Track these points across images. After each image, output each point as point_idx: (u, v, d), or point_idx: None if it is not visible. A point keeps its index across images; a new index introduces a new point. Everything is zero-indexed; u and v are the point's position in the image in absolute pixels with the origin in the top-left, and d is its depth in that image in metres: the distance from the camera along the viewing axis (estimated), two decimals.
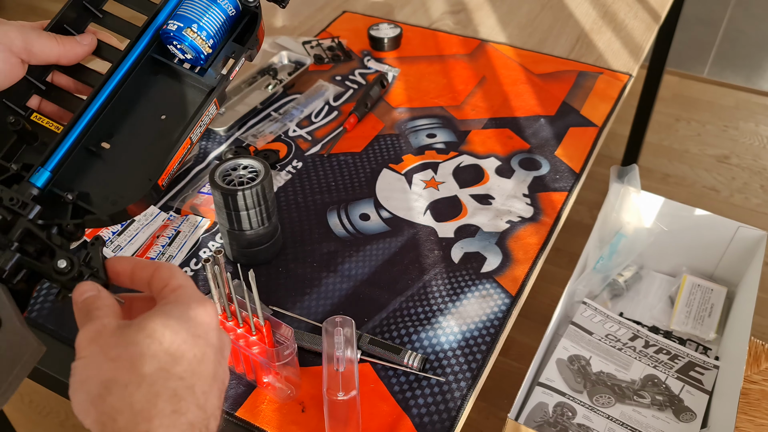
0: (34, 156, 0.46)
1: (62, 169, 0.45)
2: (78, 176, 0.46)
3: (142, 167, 0.46)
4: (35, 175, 0.44)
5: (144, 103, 0.48)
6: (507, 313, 0.74)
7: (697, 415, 1.05)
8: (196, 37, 0.47)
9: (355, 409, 0.62)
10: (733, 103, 2.26)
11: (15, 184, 0.44)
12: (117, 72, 0.47)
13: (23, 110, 0.47)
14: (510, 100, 1.06)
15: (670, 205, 1.26)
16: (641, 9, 1.29)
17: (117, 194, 0.46)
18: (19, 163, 0.45)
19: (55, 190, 0.45)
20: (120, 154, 0.47)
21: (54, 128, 0.47)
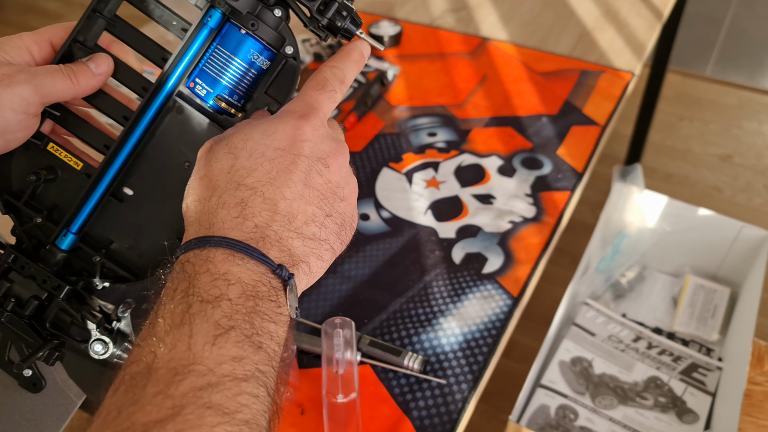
0: (55, 193, 0.44)
1: (88, 223, 0.44)
2: (101, 226, 0.44)
3: (166, 218, 0.44)
4: (60, 238, 0.43)
5: (166, 148, 0.44)
6: (509, 314, 0.73)
7: (700, 417, 1.04)
8: (229, 108, 0.43)
9: (354, 412, 0.61)
10: (737, 102, 2.25)
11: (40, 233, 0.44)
12: (144, 117, 0.43)
13: (39, 139, 0.45)
14: (512, 99, 1.05)
15: (673, 205, 1.25)
16: (644, 7, 1.28)
17: (142, 247, 0.44)
18: (41, 210, 0.44)
19: (83, 247, 0.44)
20: (144, 201, 0.45)
21: (73, 164, 0.45)
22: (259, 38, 0.41)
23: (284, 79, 0.43)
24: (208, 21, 0.42)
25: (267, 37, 0.42)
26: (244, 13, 0.41)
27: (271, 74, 0.43)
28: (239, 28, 0.41)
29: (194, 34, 0.42)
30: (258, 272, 0.34)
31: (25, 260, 0.42)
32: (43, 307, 0.43)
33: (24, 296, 0.42)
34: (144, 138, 0.44)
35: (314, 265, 0.37)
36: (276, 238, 0.36)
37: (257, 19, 0.41)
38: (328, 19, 0.41)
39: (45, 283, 0.42)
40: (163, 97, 0.43)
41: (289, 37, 0.43)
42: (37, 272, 0.42)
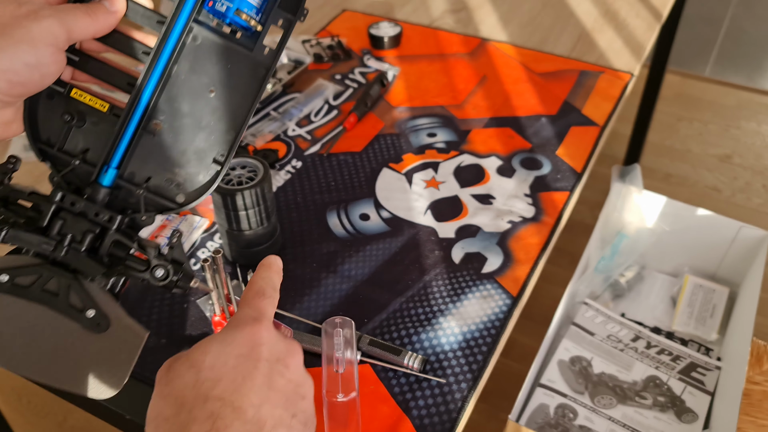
0: (85, 138, 0.45)
1: (125, 160, 0.45)
2: (140, 163, 0.45)
3: (203, 146, 0.46)
4: (102, 175, 0.44)
5: (189, 76, 0.46)
6: (508, 313, 0.74)
7: (699, 417, 1.05)
8: (249, 20, 0.44)
9: (354, 411, 0.61)
10: (735, 102, 2.25)
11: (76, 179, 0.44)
12: (164, 49, 0.45)
13: (62, 86, 0.45)
14: (511, 99, 1.06)
15: (671, 205, 1.25)
16: (643, 8, 1.29)
17: (182, 177, 0.46)
18: (77, 156, 0.45)
19: (123, 183, 0.45)
20: (175, 133, 0.46)
21: (99, 106, 0.46)
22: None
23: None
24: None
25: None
26: None
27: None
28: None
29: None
30: None
31: (74, 197, 0.43)
32: (97, 241, 0.43)
33: (78, 232, 0.43)
34: (167, 70, 0.45)
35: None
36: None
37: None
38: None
39: (97, 216, 0.43)
40: (181, 24, 0.45)
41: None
42: (88, 207, 0.43)
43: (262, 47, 0.45)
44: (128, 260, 0.44)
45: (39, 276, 0.42)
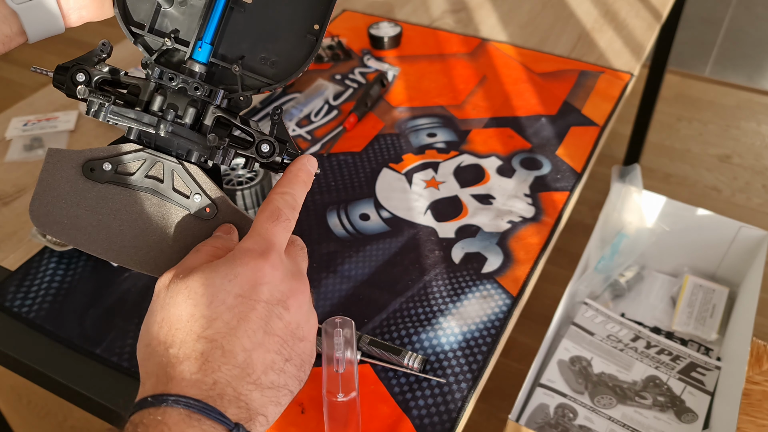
0: (173, 20, 0.44)
1: (217, 37, 0.43)
2: (227, 40, 0.44)
3: (293, 19, 0.44)
4: (196, 50, 0.43)
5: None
6: (508, 313, 0.74)
7: (698, 416, 1.05)
8: None
9: (354, 411, 0.61)
10: (735, 102, 2.25)
11: (170, 61, 0.43)
12: None
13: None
14: (511, 100, 1.06)
15: (671, 205, 1.26)
16: (642, 8, 1.29)
17: (275, 54, 0.44)
18: (168, 34, 0.43)
19: (218, 62, 0.44)
20: (265, 6, 0.44)
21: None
22: None
23: None
24: None
25: None
26: None
27: None
28: None
29: None
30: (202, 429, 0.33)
31: (172, 72, 0.42)
32: (200, 116, 0.42)
33: (181, 107, 0.42)
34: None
35: (272, 413, 0.36)
36: (234, 394, 0.34)
37: None
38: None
39: (197, 91, 0.42)
40: None
41: None
42: (187, 82, 0.42)
43: None
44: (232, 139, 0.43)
45: (143, 162, 0.41)
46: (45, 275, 0.78)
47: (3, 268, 0.79)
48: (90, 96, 0.40)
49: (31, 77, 2.49)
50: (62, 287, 0.77)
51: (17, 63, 2.57)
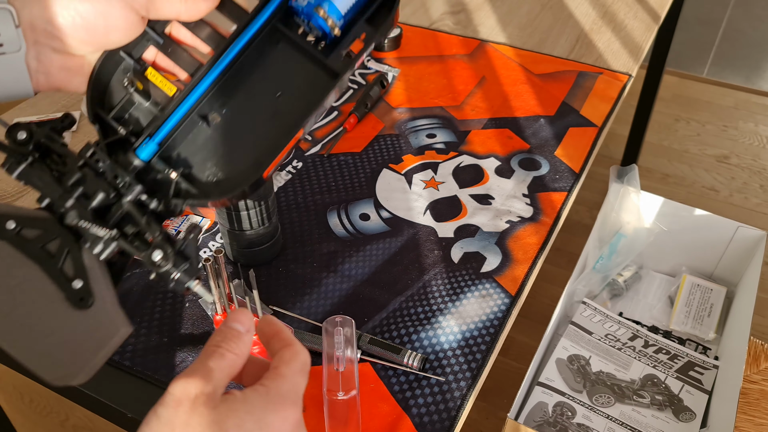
0: (144, 117, 0.44)
1: (170, 140, 0.43)
2: (183, 148, 0.43)
3: (251, 148, 0.43)
4: (141, 146, 0.42)
5: (261, 75, 0.44)
6: (507, 312, 0.74)
7: (696, 415, 1.05)
8: (326, 18, 0.42)
9: (355, 409, 0.62)
10: (733, 103, 2.26)
11: (121, 151, 0.42)
12: (240, 38, 0.43)
13: (139, 63, 0.45)
14: (510, 101, 1.06)
15: (669, 205, 1.26)
16: (641, 9, 1.29)
17: (221, 173, 0.43)
18: (128, 125, 0.43)
19: (160, 163, 0.43)
20: (230, 129, 0.43)
21: (167, 89, 0.44)
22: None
23: (384, 9, 0.44)
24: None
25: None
26: None
27: (372, 4, 0.44)
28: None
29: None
30: None
31: (103, 155, 0.41)
32: (107, 205, 0.40)
33: (91, 189, 0.40)
34: (238, 61, 0.43)
35: None
36: None
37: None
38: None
39: (116, 179, 0.41)
40: (263, 19, 0.43)
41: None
42: (111, 169, 0.41)
43: (339, 55, 0.43)
44: (133, 238, 0.41)
45: (44, 231, 0.39)
46: None
47: None
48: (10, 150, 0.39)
49: None
50: None
51: None
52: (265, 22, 0.43)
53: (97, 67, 0.44)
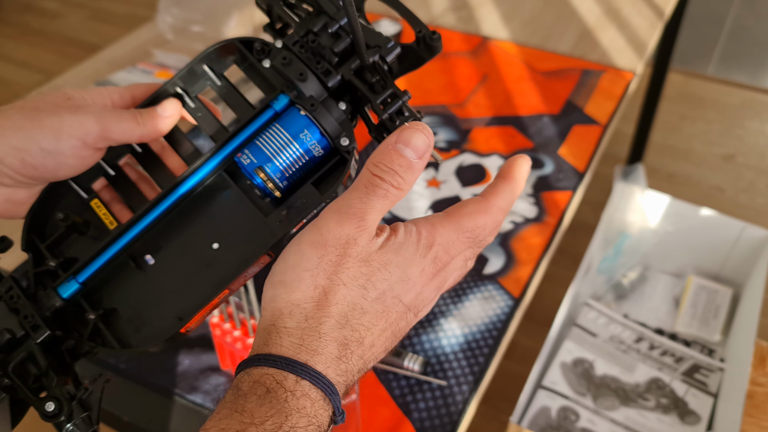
0: (81, 248, 0.43)
1: (95, 280, 0.42)
2: (110, 288, 0.42)
3: (177, 298, 0.41)
4: (64, 284, 0.41)
5: (202, 219, 0.42)
6: (510, 315, 0.73)
7: (702, 418, 1.04)
8: (266, 180, 0.40)
9: (355, 414, 0.61)
10: (739, 101, 2.24)
11: (50, 280, 0.41)
12: (186, 181, 0.42)
13: (87, 192, 0.44)
14: (513, 98, 1.05)
15: (675, 205, 1.25)
16: (645, 6, 1.28)
17: (142, 321, 0.41)
18: (59, 257, 0.42)
19: (81, 301, 0.41)
20: (161, 274, 0.42)
21: (108, 223, 0.43)
22: (317, 123, 0.41)
23: (334, 174, 0.42)
24: (274, 104, 0.42)
25: (326, 125, 0.41)
26: (307, 95, 0.41)
27: (322, 166, 0.42)
28: (299, 110, 0.41)
29: (258, 114, 0.42)
30: (326, 414, 0.33)
31: (18, 293, 0.40)
32: (13, 345, 0.39)
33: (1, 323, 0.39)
34: (179, 205, 0.42)
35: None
36: (352, 380, 0.35)
37: (321, 105, 0.41)
38: (389, 114, 0.41)
39: (26, 319, 0.39)
40: (209, 168, 0.42)
41: (348, 130, 0.42)
42: (24, 307, 0.39)
43: (278, 216, 0.40)
44: (34, 381, 0.39)
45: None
46: None
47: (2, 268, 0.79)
48: None
49: (27, 76, 2.48)
50: None
51: (13, 62, 2.56)
52: (214, 169, 0.42)
53: (40, 197, 0.43)
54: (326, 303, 0.34)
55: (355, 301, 0.34)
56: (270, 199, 0.42)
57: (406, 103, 0.41)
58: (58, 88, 0.44)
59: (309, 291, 0.34)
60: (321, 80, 0.42)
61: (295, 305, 0.34)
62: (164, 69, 1.07)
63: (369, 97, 0.41)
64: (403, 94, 0.41)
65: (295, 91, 0.42)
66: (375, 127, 0.42)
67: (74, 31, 2.70)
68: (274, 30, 0.45)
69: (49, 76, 2.27)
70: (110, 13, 2.79)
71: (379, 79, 0.41)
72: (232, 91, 0.45)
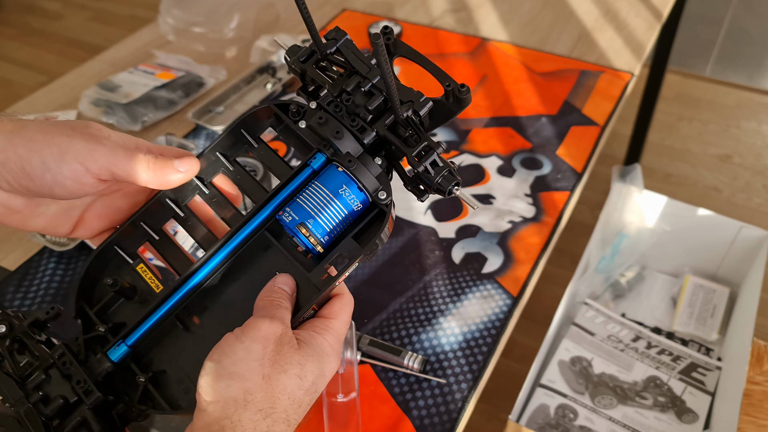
0: (129, 312, 0.43)
1: (144, 343, 0.42)
2: (158, 350, 0.43)
3: None
4: (113, 348, 0.41)
5: (246, 279, 0.43)
6: (508, 314, 0.74)
7: (699, 417, 1.04)
8: (309, 235, 0.41)
9: (354, 411, 0.61)
10: (736, 102, 2.25)
11: (98, 345, 0.42)
12: (231, 241, 0.43)
13: (132, 258, 0.45)
14: (511, 99, 1.06)
15: (672, 205, 1.25)
16: (643, 7, 1.28)
17: (191, 381, 0.42)
18: (109, 322, 0.43)
19: (132, 365, 0.42)
20: (207, 333, 0.42)
21: (154, 287, 0.44)
22: (355, 178, 0.42)
23: (375, 225, 0.43)
24: (312, 162, 0.43)
25: (364, 180, 0.42)
26: (344, 152, 0.42)
27: (361, 219, 0.43)
28: (337, 167, 0.42)
29: (297, 173, 0.43)
30: None
31: (70, 358, 0.41)
32: (66, 411, 0.40)
33: (53, 393, 0.40)
34: (225, 264, 0.43)
35: None
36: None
37: (358, 161, 0.42)
38: (424, 166, 0.42)
39: (78, 385, 0.40)
40: (252, 227, 0.43)
41: (385, 184, 0.43)
42: (76, 372, 0.40)
43: (321, 271, 0.42)
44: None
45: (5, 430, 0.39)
46: (44, 275, 0.78)
47: (2, 268, 0.79)
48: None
49: (29, 76, 2.49)
50: (62, 287, 0.77)
51: (16, 62, 2.57)
52: (255, 229, 0.43)
53: (88, 262, 0.43)
54: (272, 394, 0.37)
55: (293, 393, 0.38)
56: (312, 255, 0.43)
57: (439, 155, 0.42)
58: (60, 88, 0.45)
59: (258, 380, 0.37)
60: (357, 137, 0.43)
61: (250, 394, 0.37)
62: (166, 70, 1.08)
63: (404, 150, 0.42)
64: (437, 146, 0.42)
65: (332, 149, 0.43)
66: (410, 179, 0.44)
67: (76, 32, 2.71)
68: (307, 92, 0.46)
69: (51, 77, 2.27)
70: (112, 14, 2.79)
71: (412, 132, 0.42)
72: (270, 153, 0.46)
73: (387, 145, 0.44)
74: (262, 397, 0.37)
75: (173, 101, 1.03)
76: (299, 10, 0.41)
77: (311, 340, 0.40)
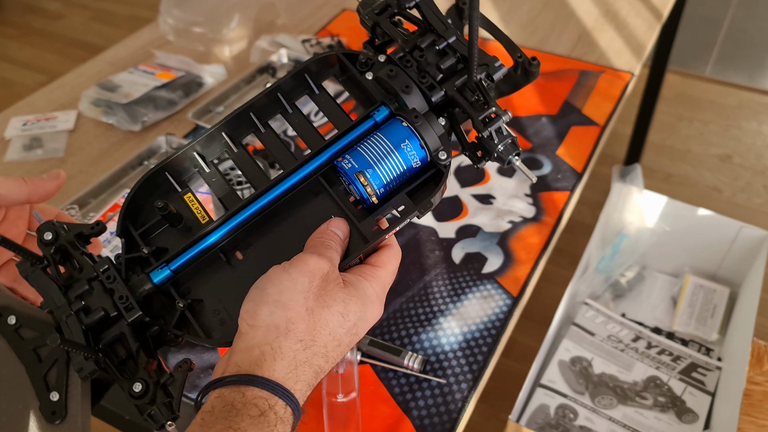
0: (172, 239, 0.44)
1: (186, 270, 0.43)
2: (199, 279, 0.43)
3: None
4: (156, 270, 0.42)
5: (293, 222, 0.43)
6: (508, 314, 0.74)
7: (699, 417, 1.04)
8: (366, 185, 0.41)
9: (354, 412, 0.61)
10: (736, 102, 2.25)
11: (139, 266, 0.42)
12: (282, 183, 0.43)
13: (181, 186, 0.45)
14: (511, 99, 1.06)
15: (672, 205, 1.25)
16: (643, 7, 1.28)
17: (228, 314, 0.42)
18: (152, 246, 0.43)
19: (171, 290, 0.42)
20: (249, 270, 0.42)
21: (200, 217, 0.44)
22: (418, 135, 0.42)
23: (429, 186, 0.43)
24: (375, 114, 0.43)
25: (427, 137, 0.42)
26: (410, 108, 0.42)
27: (418, 177, 0.43)
28: (401, 121, 0.42)
29: (359, 123, 0.43)
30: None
31: (115, 273, 0.41)
32: (106, 324, 0.40)
33: (93, 305, 0.40)
34: (275, 204, 0.43)
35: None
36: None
37: (423, 118, 0.42)
38: (489, 131, 0.42)
39: (121, 300, 0.40)
40: (307, 171, 0.43)
41: (446, 145, 0.43)
42: (118, 288, 0.40)
43: (371, 223, 0.42)
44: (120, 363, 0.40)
45: (40, 335, 0.40)
46: None
47: None
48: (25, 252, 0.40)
49: (30, 76, 2.49)
50: None
51: (16, 62, 2.57)
52: (309, 174, 0.44)
53: (139, 184, 0.44)
54: (314, 327, 0.38)
55: (334, 330, 0.39)
56: (362, 207, 0.43)
57: (505, 123, 0.42)
58: (60, 88, 0.46)
59: (302, 311, 0.38)
60: (425, 94, 0.43)
61: (292, 323, 0.37)
62: (166, 70, 1.08)
63: (470, 114, 0.42)
64: (504, 113, 0.42)
65: (396, 104, 0.43)
66: (469, 145, 0.44)
67: (76, 32, 2.71)
68: (374, 46, 0.46)
69: (52, 76, 2.27)
70: (112, 14, 2.79)
71: (479, 98, 0.42)
72: (330, 101, 0.46)
73: (452, 107, 0.44)
74: (304, 329, 0.37)
75: (173, 101, 1.03)
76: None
77: (357, 283, 0.41)
